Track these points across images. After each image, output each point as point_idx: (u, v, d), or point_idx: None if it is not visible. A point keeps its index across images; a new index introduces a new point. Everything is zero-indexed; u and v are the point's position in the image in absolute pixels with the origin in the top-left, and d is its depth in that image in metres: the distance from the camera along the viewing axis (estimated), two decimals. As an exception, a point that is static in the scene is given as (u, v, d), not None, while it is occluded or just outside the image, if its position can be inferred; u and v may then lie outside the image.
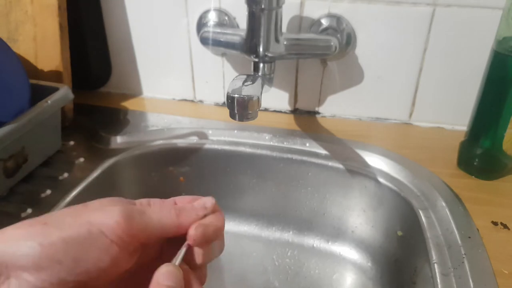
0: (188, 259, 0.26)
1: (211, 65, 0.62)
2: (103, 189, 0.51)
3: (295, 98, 0.62)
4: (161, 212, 0.26)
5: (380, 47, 0.55)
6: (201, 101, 0.66)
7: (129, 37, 0.63)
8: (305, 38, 0.54)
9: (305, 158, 0.54)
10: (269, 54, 0.48)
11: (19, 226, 0.23)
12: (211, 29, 0.55)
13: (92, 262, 0.23)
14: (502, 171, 0.49)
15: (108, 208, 0.25)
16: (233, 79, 0.43)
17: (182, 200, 0.29)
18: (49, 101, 0.49)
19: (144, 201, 0.28)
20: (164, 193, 0.59)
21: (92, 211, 0.25)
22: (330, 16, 0.54)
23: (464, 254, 0.39)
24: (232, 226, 0.60)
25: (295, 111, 0.63)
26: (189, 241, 0.26)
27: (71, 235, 0.23)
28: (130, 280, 0.27)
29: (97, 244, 0.23)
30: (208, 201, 0.28)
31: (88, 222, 0.24)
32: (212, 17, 0.57)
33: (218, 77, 0.63)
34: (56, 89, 0.51)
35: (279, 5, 0.46)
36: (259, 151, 0.55)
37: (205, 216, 0.27)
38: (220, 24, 0.57)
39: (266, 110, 0.64)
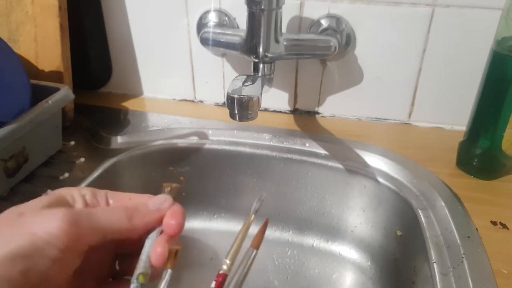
0: None
1: (211, 66, 0.62)
2: (103, 189, 0.51)
3: (295, 98, 0.62)
4: (110, 215, 0.25)
5: (380, 47, 0.55)
6: (201, 101, 0.66)
7: (130, 38, 0.63)
8: (304, 38, 0.54)
9: (305, 158, 0.54)
10: (269, 55, 0.48)
11: None
12: (211, 30, 0.55)
13: (40, 273, 0.22)
14: (501, 171, 0.49)
15: (48, 211, 0.23)
16: (233, 80, 0.43)
17: (137, 199, 0.27)
18: (49, 101, 0.49)
19: (88, 195, 0.26)
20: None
21: (31, 217, 0.23)
22: (329, 16, 0.54)
23: (463, 253, 0.39)
24: (232, 226, 0.60)
25: (295, 111, 0.63)
26: (167, 230, 0.25)
27: (15, 249, 0.21)
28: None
29: (44, 255, 0.22)
30: (164, 202, 0.27)
31: (31, 232, 0.22)
32: (212, 18, 0.57)
33: (218, 77, 0.63)
34: (56, 89, 0.51)
35: (279, 5, 0.46)
36: (259, 151, 0.55)
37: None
38: (220, 24, 0.57)
39: (266, 110, 0.64)
